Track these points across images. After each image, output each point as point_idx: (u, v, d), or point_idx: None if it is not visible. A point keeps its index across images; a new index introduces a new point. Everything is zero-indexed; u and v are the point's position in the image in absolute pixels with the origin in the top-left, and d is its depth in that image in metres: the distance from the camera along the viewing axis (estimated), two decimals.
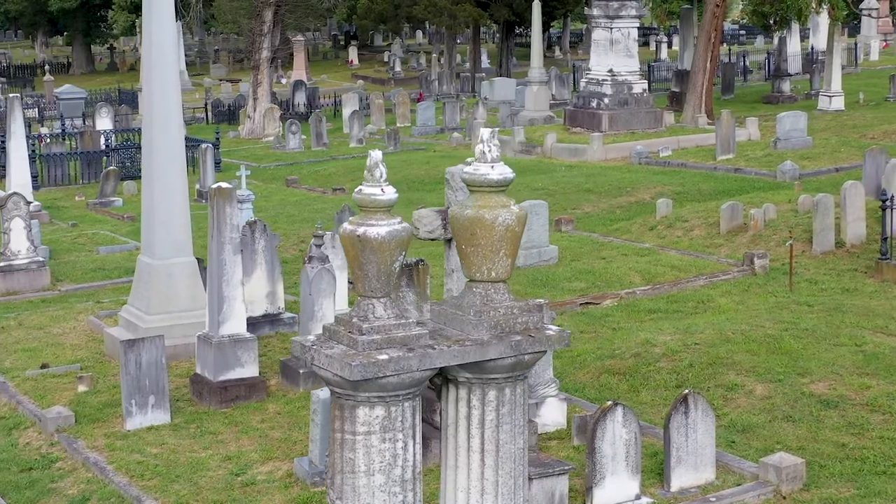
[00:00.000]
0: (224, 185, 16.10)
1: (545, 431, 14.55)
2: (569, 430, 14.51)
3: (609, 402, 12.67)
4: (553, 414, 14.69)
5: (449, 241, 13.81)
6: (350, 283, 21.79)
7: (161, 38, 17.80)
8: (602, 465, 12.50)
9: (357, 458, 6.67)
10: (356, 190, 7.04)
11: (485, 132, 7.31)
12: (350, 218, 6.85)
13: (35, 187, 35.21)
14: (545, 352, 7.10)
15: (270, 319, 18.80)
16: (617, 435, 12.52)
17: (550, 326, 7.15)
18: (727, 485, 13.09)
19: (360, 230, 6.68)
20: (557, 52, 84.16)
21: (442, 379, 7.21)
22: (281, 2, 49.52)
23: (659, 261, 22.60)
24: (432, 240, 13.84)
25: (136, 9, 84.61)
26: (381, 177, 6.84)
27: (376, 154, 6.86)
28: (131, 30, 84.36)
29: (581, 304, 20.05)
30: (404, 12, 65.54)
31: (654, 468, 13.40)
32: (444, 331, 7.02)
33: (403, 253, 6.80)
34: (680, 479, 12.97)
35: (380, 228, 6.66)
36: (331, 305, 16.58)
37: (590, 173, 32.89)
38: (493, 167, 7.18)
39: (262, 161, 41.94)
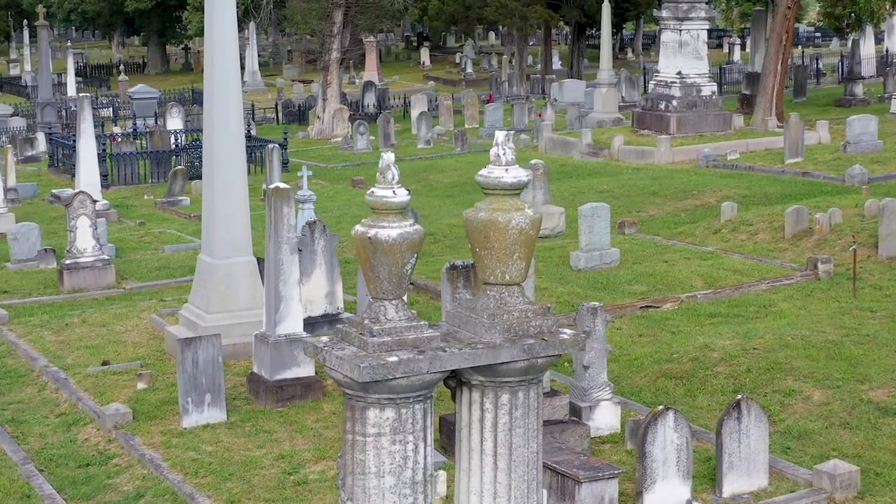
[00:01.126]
0: (281, 185, 16.17)
1: (598, 435, 14.50)
2: (622, 434, 14.44)
3: (660, 407, 12.60)
4: (607, 417, 14.63)
5: None
6: (409, 283, 21.85)
7: (222, 38, 17.92)
8: (653, 469, 12.42)
9: (367, 459, 6.68)
10: (368, 192, 7.06)
11: (499, 135, 7.30)
12: (363, 220, 6.86)
13: (105, 186, 35.63)
14: (559, 356, 7.06)
15: (329, 319, 18.86)
16: (668, 439, 12.43)
17: (565, 330, 7.11)
18: (780, 491, 12.97)
19: (372, 232, 6.69)
20: (630, 54, 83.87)
21: (456, 381, 7.20)
22: (351, 3, 49.69)
23: (721, 264, 22.43)
24: None
25: None
26: (392, 179, 6.83)
27: (388, 156, 6.87)
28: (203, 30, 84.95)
29: (641, 307, 19.95)
30: (475, 14, 65.50)
31: (707, 473, 13.30)
32: (458, 333, 7.00)
33: (415, 255, 6.78)
34: (732, 484, 12.86)
35: (391, 230, 6.66)
36: None
37: (656, 176, 32.72)
38: (507, 170, 7.15)
39: (329, 161, 42.12)
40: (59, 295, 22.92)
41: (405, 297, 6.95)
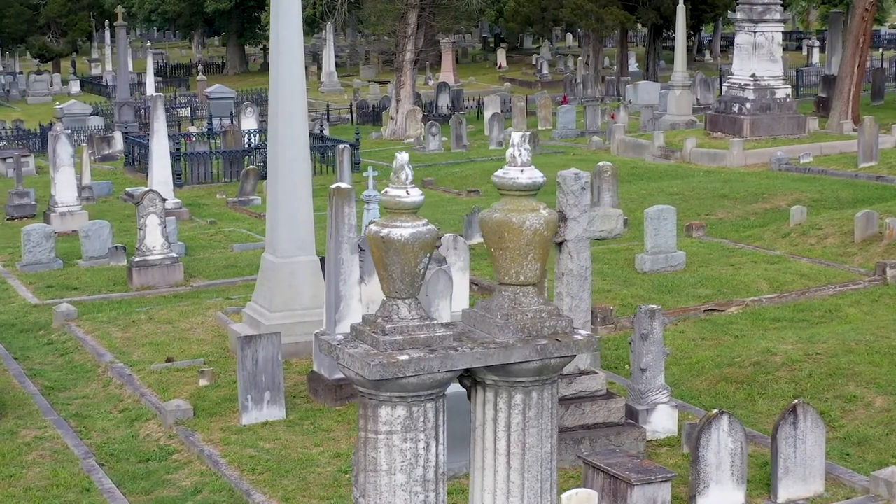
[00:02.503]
0: (343, 185, 16.26)
1: (655, 438, 14.44)
2: (679, 438, 14.38)
3: (715, 411, 12.53)
4: (664, 421, 14.58)
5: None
6: (473, 284, 21.86)
7: (287, 39, 18.06)
8: (706, 473, 12.36)
9: (379, 456, 6.72)
10: (382, 192, 7.11)
11: (515, 136, 7.31)
12: (376, 219, 6.89)
13: (179, 185, 36.03)
14: (572, 356, 7.05)
15: None
16: (722, 444, 12.37)
17: (580, 331, 7.10)
18: (836, 498, 12.85)
19: (384, 231, 6.73)
20: (707, 56, 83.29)
21: (471, 381, 7.22)
22: (426, 4, 49.82)
23: (789, 269, 22.24)
24: None
25: None
26: (406, 179, 6.87)
27: (402, 156, 6.90)
28: None
29: (705, 310, 19.83)
30: (550, 15, 65.41)
31: (763, 478, 13.21)
32: (472, 333, 7.02)
33: (428, 255, 6.81)
34: (787, 490, 12.76)
35: (403, 230, 6.70)
36: (447, 307, 16.63)
37: (727, 179, 32.51)
38: (522, 171, 7.16)
39: None
40: (127, 292, 23.20)
41: (418, 297, 6.98)
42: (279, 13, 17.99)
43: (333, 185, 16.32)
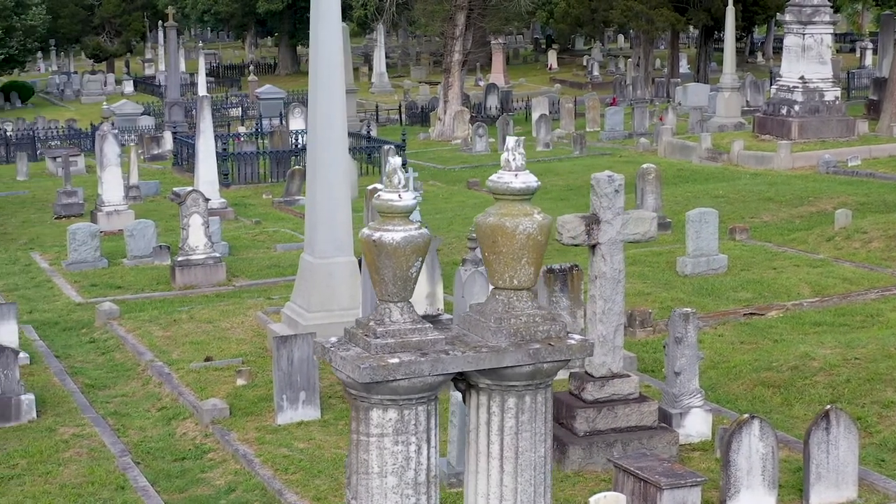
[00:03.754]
0: (379, 186, 16.30)
1: (689, 442, 14.39)
2: (713, 442, 14.31)
3: (745, 416, 12.47)
4: (697, 425, 14.52)
5: (593, 247, 13.77)
6: None
7: (327, 40, 18.10)
8: (737, 478, 12.31)
9: (371, 459, 6.74)
10: (375, 195, 7.13)
11: (510, 140, 7.31)
12: (370, 223, 6.91)
13: (226, 185, 36.22)
14: (566, 361, 7.04)
15: (430, 320, 18.83)
16: (753, 448, 12.31)
17: (574, 336, 7.08)
18: None
19: (376, 235, 6.75)
20: (760, 58, 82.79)
21: (465, 384, 7.23)
22: (474, 6, 49.84)
23: (831, 273, 22.10)
24: (575, 245, 13.82)
25: (342, 11, 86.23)
26: (399, 183, 6.89)
27: (395, 161, 6.91)
28: None
29: (745, 314, 19.74)
30: (601, 16, 65.27)
31: (796, 484, 13.13)
32: (466, 337, 7.02)
33: (420, 259, 6.81)
34: (819, 496, 12.68)
35: (395, 234, 6.71)
36: None
37: (773, 182, 32.33)
38: (516, 175, 7.16)
39: (447, 163, 42.29)
40: (170, 291, 23.36)
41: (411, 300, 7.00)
42: (319, 16, 18.04)
43: (370, 187, 16.38)
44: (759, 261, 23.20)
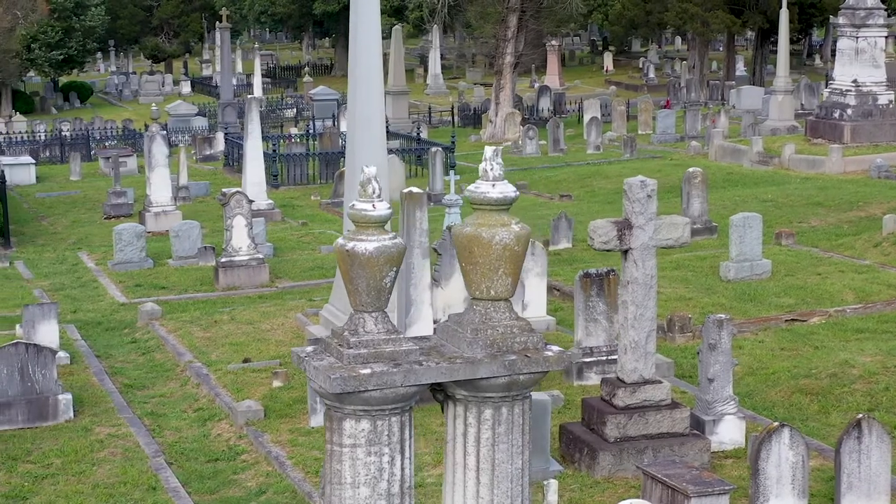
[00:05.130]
0: (415, 189, 16.29)
1: (722, 449, 14.28)
2: (746, 450, 14.19)
3: (775, 424, 12.35)
4: (731, 432, 14.40)
5: (625, 252, 13.69)
6: (555, 289, 21.78)
7: (366, 42, 18.11)
8: (766, 486, 12.18)
9: (343, 469, 6.70)
10: (350, 205, 7.09)
11: (488, 150, 7.26)
12: (345, 232, 6.88)
13: (275, 186, 36.39)
14: (544, 373, 6.97)
15: None
16: (783, 457, 12.18)
17: (552, 347, 7.01)
18: None
19: (350, 245, 6.71)
20: (818, 61, 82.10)
21: (443, 395, 7.18)
22: (526, 8, 49.75)
23: (877, 279, 21.85)
24: (607, 251, 13.74)
25: (397, 13, 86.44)
26: (373, 192, 6.84)
27: (370, 170, 6.87)
28: (390, 33, 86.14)
29: (786, 320, 19.55)
30: (655, 19, 64.96)
31: (828, 493, 12.99)
32: (443, 347, 6.97)
33: (395, 269, 6.76)
34: None
35: (368, 244, 6.67)
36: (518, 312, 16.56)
37: (823, 186, 32.03)
38: (494, 185, 7.10)
39: None
40: (213, 292, 23.48)
41: (386, 310, 6.97)
42: (357, 18, 18.06)
43: (405, 190, 16.36)
44: (803, 266, 22.99)
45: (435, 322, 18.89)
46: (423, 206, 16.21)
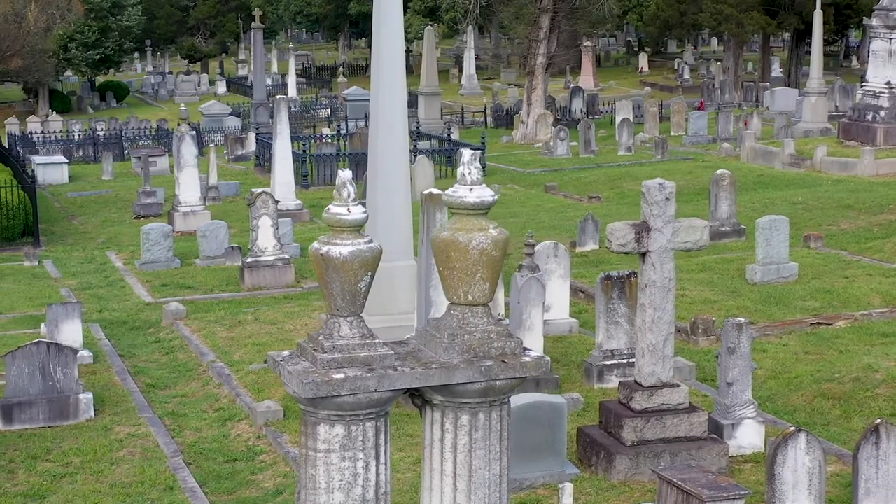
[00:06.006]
0: (435, 191, 16.25)
1: (741, 454, 14.19)
2: (765, 454, 14.08)
3: (791, 428, 12.25)
4: (750, 436, 14.31)
5: (643, 255, 13.62)
6: (580, 291, 21.71)
7: (389, 44, 18.12)
8: (782, 492, 12.09)
9: (318, 474, 6.66)
10: (325, 209, 7.05)
11: (465, 154, 7.21)
12: (321, 237, 6.85)
13: (305, 186, 36.42)
14: (522, 378, 6.92)
15: None
16: (799, 462, 12.08)
17: (530, 353, 6.95)
18: None
19: (324, 249, 6.67)
20: (854, 62, 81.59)
21: (421, 401, 7.14)
22: (558, 8, 49.66)
23: None
24: (625, 253, 13.68)
25: (431, 13, 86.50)
26: (348, 196, 6.80)
27: (345, 174, 6.83)
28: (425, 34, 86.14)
29: (811, 324, 19.41)
30: (690, 20, 64.69)
31: (846, 499, 12.89)
32: (420, 352, 6.92)
33: (370, 273, 6.72)
34: None
35: (343, 248, 6.63)
36: (539, 315, 16.55)
37: (855, 189, 31.81)
38: (471, 190, 7.04)
39: (528, 166, 42.16)
40: (238, 292, 23.53)
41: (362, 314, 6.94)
42: (380, 19, 18.06)
43: (425, 191, 16.33)
44: (831, 269, 22.83)
45: None
46: (444, 208, 16.17)
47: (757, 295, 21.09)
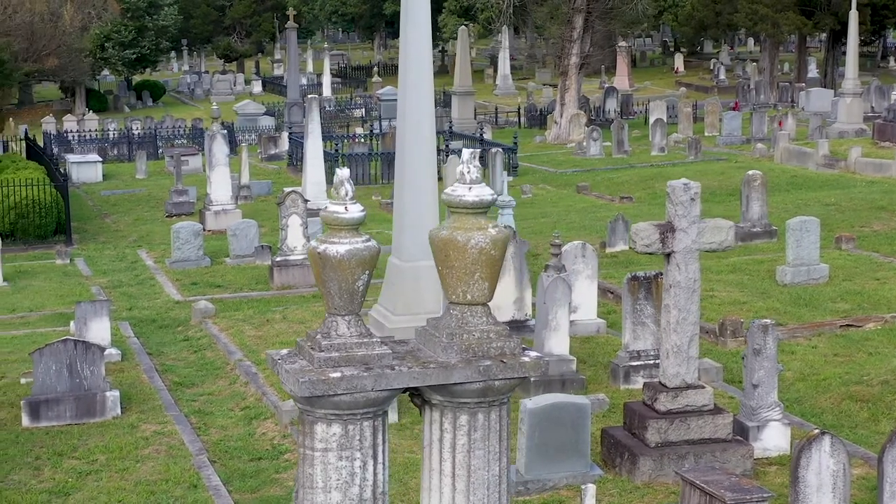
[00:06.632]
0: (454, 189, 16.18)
1: (766, 456, 14.11)
2: (791, 456, 13.99)
3: (816, 431, 12.17)
4: (775, 438, 14.23)
5: (668, 255, 13.55)
6: (609, 292, 21.63)
7: (417, 43, 18.09)
8: (806, 494, 12.00)
9: (315, 473, 6.64)
10: (323, 207, 7.02)
11: (465, 153, 7.17)
12: (319, 235, 6.82)
13: None
14: (521, 378, 6.87)
15: (517, 326, 18.83)
16: (823, 465, 11.99)
17: (529, 353, 6.90)
18: None
19: (322, 247, 6.64)
20: (892, 63, 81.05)
21: (421, 400, 7.10)
22: (592, 9, 49.54)
23: None
24: (649, 254, 13.62)
25: (466, 12, 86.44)
26: (346, 195, 6.77)
27: (342, 172, 6.80)
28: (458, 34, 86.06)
29: (841, 325, 19.29)
30: (725, 20, 64.42)
31: (871, 502, 12.79)
32: (419, 352, 6.88)
33: (367, 272, 6.68)
34: None
35: (340, 247, 6.60)
36: (565, 315, 16.50)
37: (889, 190, 31.60)
38: (470, 189, 7.01)
39: (560, 166, 42.07)
40: (268, 291, 23.57)
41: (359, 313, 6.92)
42: (407, 18, 18.04)
43: (447, 190, 16.28)
44: (862, 271, 22.67)
45: None
46: None
47: (787, 296, 20.97)
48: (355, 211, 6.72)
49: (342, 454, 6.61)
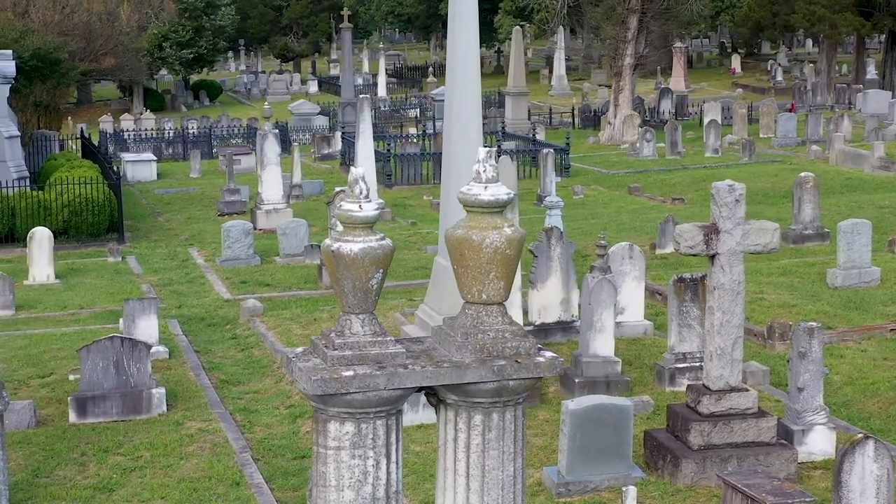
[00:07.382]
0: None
1: (811, 460, 13.99)
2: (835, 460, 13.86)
3: (860, 435, 12.05)
4: (820, 442, 14.10)
5: (712, 257, 13.47)
6: (657, 293, 21.52)
7: (464, 43, 18.03)
8: (849, 499, 11.87)
9: (328, 472, 6.62)
10: (338, 206, 7.00)
11: (481, 151, 7.11)
12: (333, 233, 6.80)
13: (388, 185, 36.50)
14: (537, 378, 6.81)
15: (563, 327, 18.80)
16: (867, 470, 11.87)
17: (545, 353, 6.84)
18: None
19: (335, 246, 6.62)
20: None
21: (436, 399, 7.07)
22: (646, 9, 49.34)
23: None
24: (693, 255, 13.55)
25: (521, 13, 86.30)
26: (360, 193, 6.74)
27: (357, 170, 6.77)
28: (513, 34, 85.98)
29: (891, 329, 19.09)
30: (782, 21, 63.94)
31: None
32: (434, 351, 6.85)
33: (381, 271, 6.65)
34: None
35: (353, 245, 6.57)
36: (610, 316, 16.43)
37: None
38: (486, 188, 6.95)
39: (613, 167, 41.92)
40: (316, 290, 23.61)
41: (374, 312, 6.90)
42: (454, 18, 18.00)
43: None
44: None
45: (528, 325, 18.82)
46: (515, 208, 16.11)
47: (837, 299, 20.79)
48: (369, 209, 6.71)
49: (355, 452, 6.61)
